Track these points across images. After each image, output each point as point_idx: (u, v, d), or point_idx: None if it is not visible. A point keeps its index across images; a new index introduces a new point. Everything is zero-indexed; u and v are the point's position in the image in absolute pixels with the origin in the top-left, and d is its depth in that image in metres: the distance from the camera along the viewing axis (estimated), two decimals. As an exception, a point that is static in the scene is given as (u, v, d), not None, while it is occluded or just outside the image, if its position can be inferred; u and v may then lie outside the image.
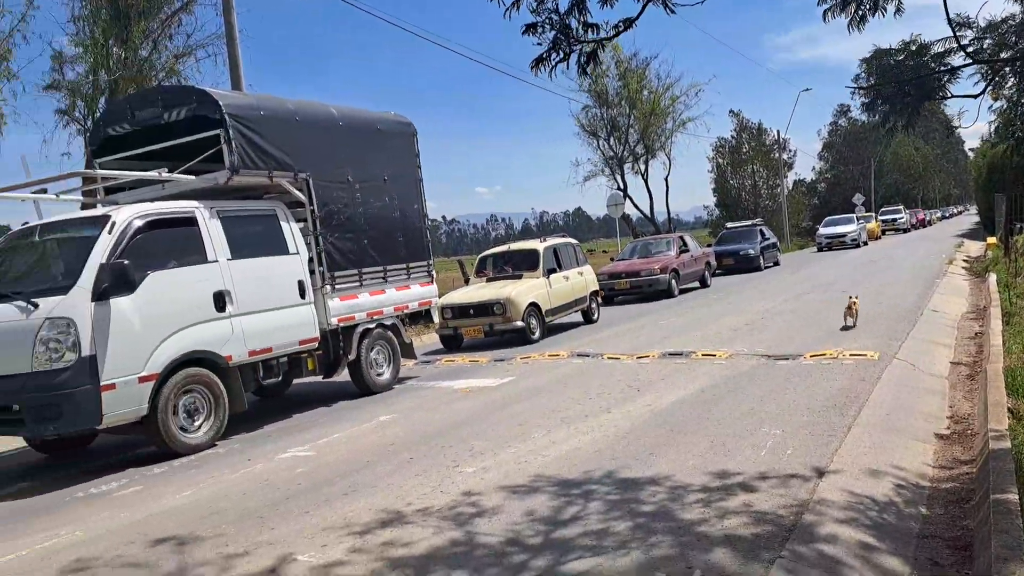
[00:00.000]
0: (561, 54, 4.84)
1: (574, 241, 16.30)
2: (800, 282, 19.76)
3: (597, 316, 15.83)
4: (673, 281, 19.43)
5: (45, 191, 8.60)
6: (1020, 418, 5.84)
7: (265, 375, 8.44)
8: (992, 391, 6.36)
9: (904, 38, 7.01)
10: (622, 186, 39.15)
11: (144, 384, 6.96)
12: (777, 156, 49.34)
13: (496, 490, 5.23)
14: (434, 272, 11.22)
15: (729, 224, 31.66)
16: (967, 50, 6.25)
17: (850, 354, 9.01)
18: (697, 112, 53.37)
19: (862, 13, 5.42)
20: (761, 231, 27.70)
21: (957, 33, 6.11)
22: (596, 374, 9.47)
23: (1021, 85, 7.26)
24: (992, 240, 23.88)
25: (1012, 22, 6.55)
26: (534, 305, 13.44)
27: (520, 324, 13.01)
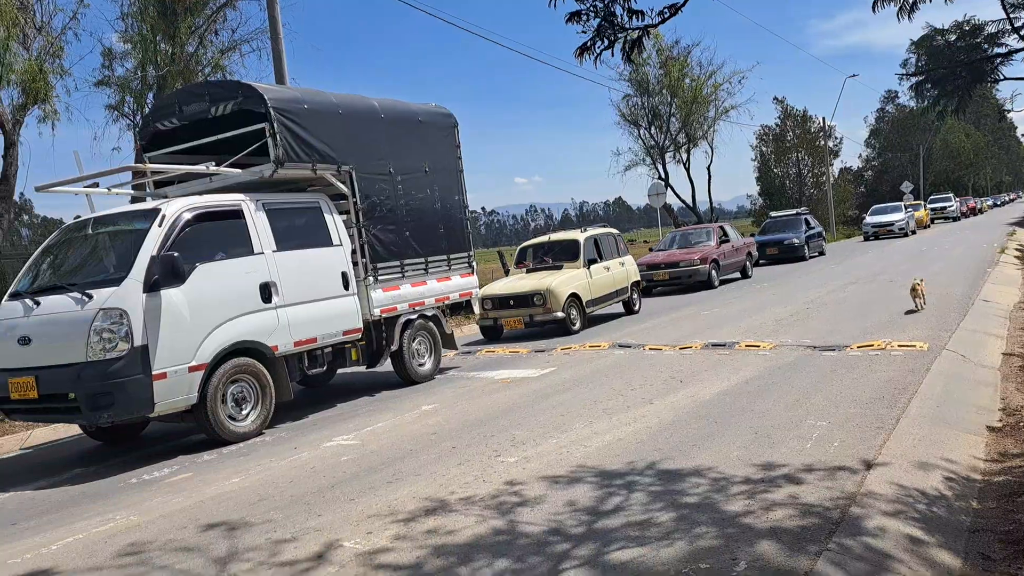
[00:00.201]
0: (606, 41, 4.78)
1: (615, 231, 16.20)
2: (846, 272, 19.42)
3: (638, 307, 15.75)
4: (713, 272, 19.22)
5: (97, 185, 8.83)
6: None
7: (310, 365, 8.57)
8: (1047, 383, 6.19)
9: (957, 18, 6.84)
10: (663, 175, 38.85)
11: (194, 373, 7.12)
12: (822, 144, 48.41)
13: (538, 480, 5.25)
14: (475, 263, 11.27)
15: (773, 213, 31.19)
16: (1021, 32, 6.07)
17: (898, 345, 8.84)
18: (740, 100, 53.06)
19: (912, 1, 5.28)
20: (806, 220, 27.25)
21: (1011, 15, 5.94)
22: (638, 365, 9.44)
23: None
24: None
25: None
26: (574, 296, 13.41)
27: (560, 315, 13.01)
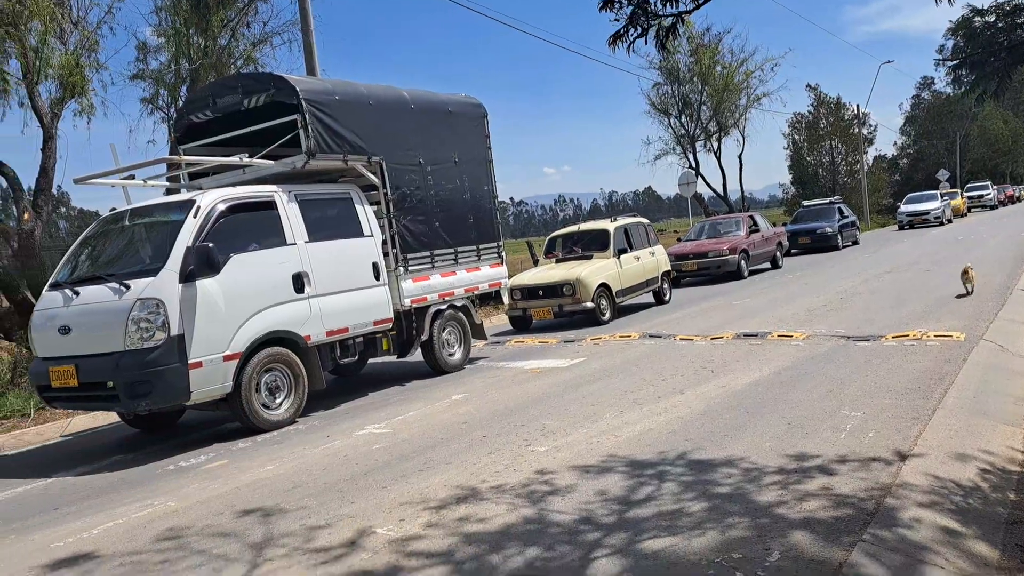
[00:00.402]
0: (639, 29, 4.75)
1: (645, 220, 16.12)
2: (881, 262, 19.14)
3: (669, 297, 15.67)
4: (742, 262, 19.04)
5: (133, 177, 8.97)
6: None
7: (342, 354, 8.66)
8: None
9: None
10: (694, 164, 38.49)
11: (229, 363, 7.23)
12: (856, 131, 47.65)
13: (568, 469, 5.26)
14: (504, 253, 11.28)
15: (806, 202, 30.80)
16: None
17: (935, 335, 8.71)
18: (772, 87, 52.48)
19: None
20: (839, 209, 26.87)
21: None
22: (668, 355, 9.40)
23: None
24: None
25: None
26: (604, 286, 13.38)
27: (590, 305, 12.98)
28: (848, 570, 3.39)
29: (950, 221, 34.59)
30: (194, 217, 7.28)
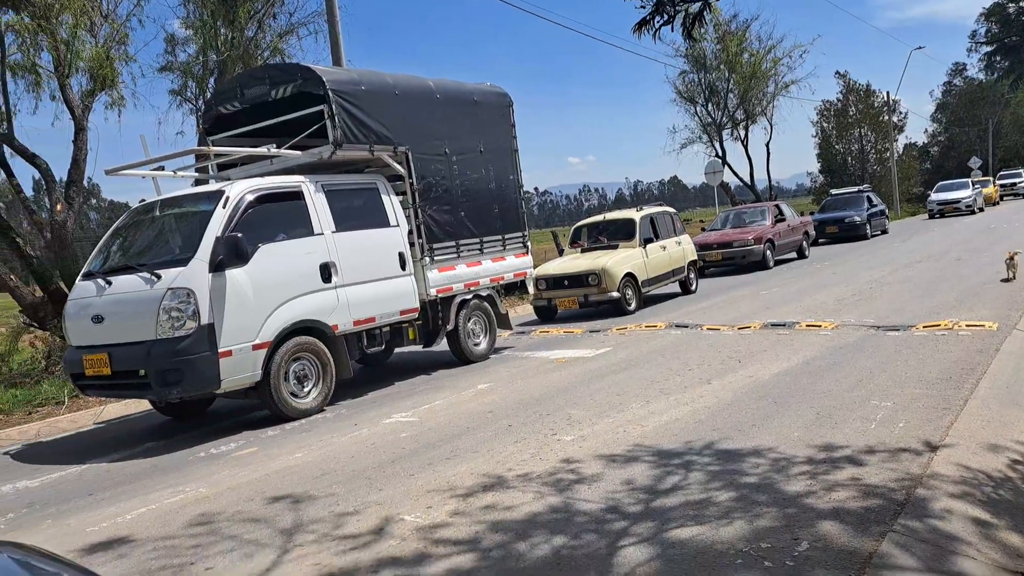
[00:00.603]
0: (665, 16, 4.70)
1: (671, 210, 16.01)
2: (911, 251, 18.88)
3: (695, 287, 15.59)
4: (768, 252, 18.85)
5: (163, 168, 9.07)
6: None
7: (369, 344, 8.72)
8: None
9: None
10: (721, 153, 38.13)
11: (258, 351, 7.31)
12: (887, 119, 46.90)
13: (594, 458, 5.27)
14: (529, 243, 11.27)
15: (833, 190, 30.41)
16: None
17: (966, 325, 8.59)
18: (800, 74, 51.61)
19: None
20: (868, 198, 26.49)
21: None
22: (695, 345, 9.35)
23: None
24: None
25: None
26: (630, 275, 13.33)
27: (615, 295, 12.94)
28: (878, 560, 3.37)
29: (981, 209, 33.97)
30: (223, 207, 7.35)
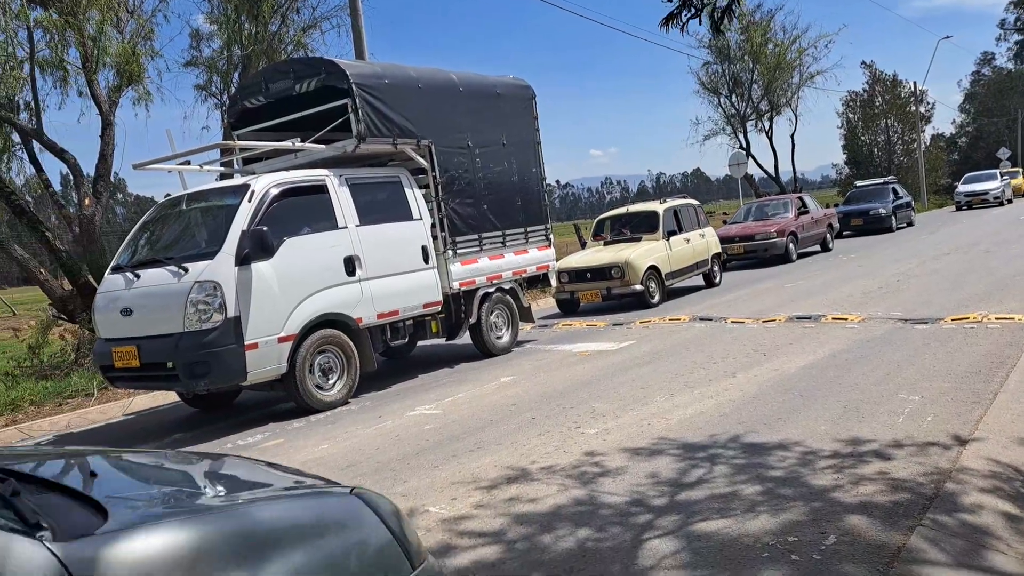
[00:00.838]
0: (692, 10, 4.65)
1: (695, 202, 15.92)
2: (938, 243, 18.63)
3: (719, 279, 15.50)
4: (791, 245, 18.65)
5: (188, 162, 9.16)
6: None
7: (392, 337, 8.76)
8: None
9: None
10: (744, 145, 37.79)
11: (283, 344, 7.37)
12: (914, 109, 46.28)
13: (618, 451, 5.26)
14: (552, 236, 11.26)
15: (858, 182, 30.05)
16: None
17: (996, 317, 8.47)
18: (826, 65, 50.91)
19: None
20: (893, 189, 26.16)
21: None
22: (719, 338, 9.30)
23: None
24: None
25: None
26: (653, 268, 13.28)
27: (639, 288, 12.90)
28: (907, 555, 3.34)
29: (1010, 201, 33.44)
30: (248, 201, 7.41)
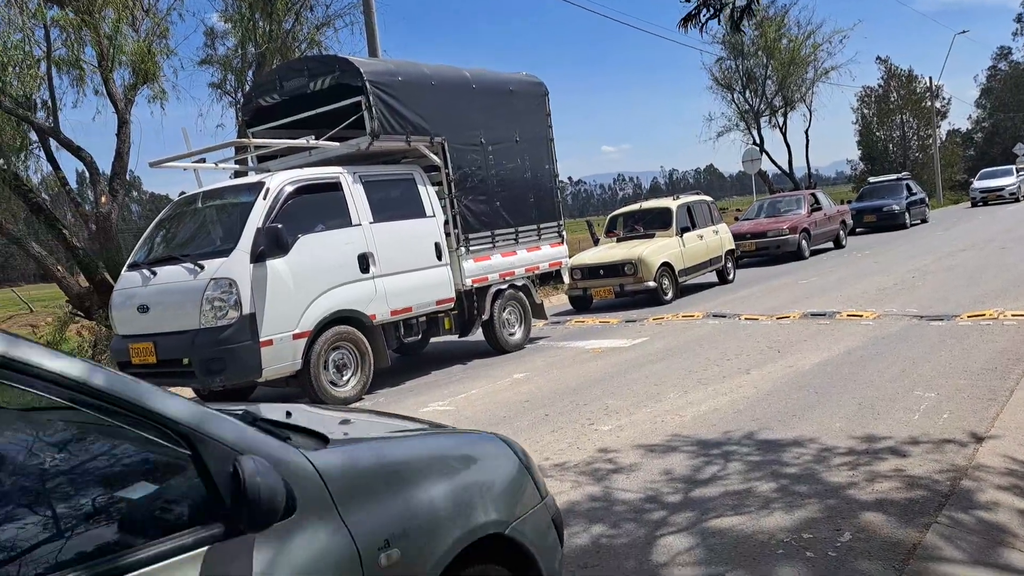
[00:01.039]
0: (711, 10, 4.62)
1: (708, 198, 15.87)
2: (953, 240, 18.50)
3: (733, 276, 15.45)
4: (803, 242, 18.51)
5: (204, 160, 9.23)
6: None
7: (406, 333, 8.79)
8: None
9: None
10: (758, 141, 37.60)
11: (298, 340, 7.42)
12: (929, 104, 45.90)
13: (632, 448, 5.27)
14: (564, 232, 11.26)
15: (872, 178, 29.85)
16: None
17: (1012, 314, 8.41)
18: (841, 60, 50.01)
19: None
20: (908, 185, 25.95)
21: None
22: (733, 335, 9.28)
23: None
24: None
25: None
26: (667, 265, 13.25)
27: (652, 284, 12.88)
28: (923, 552, 3.34)
29: (1027, 197, 33.12)
30: (263, 199, 7.45)
